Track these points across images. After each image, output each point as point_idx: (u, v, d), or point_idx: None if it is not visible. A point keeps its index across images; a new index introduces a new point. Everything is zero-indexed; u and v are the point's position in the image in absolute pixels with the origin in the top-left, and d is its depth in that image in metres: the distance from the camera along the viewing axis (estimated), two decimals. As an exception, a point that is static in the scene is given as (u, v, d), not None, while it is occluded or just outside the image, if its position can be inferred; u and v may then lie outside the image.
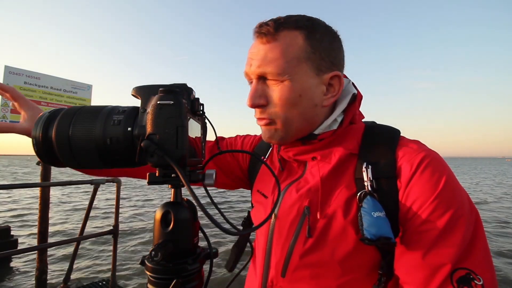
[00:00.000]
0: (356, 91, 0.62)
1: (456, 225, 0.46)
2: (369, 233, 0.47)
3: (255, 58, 0.56)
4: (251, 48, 0.58)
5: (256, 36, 0.57)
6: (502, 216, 8.81)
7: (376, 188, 0.52)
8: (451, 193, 0.48)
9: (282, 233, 0.59)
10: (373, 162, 0.54)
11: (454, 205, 0.47)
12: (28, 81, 3.34)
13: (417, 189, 0.49)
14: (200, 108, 0.43)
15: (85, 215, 2.96)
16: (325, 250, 0.53)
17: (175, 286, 0.34)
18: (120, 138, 0.38)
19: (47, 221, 3.13)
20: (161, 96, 0.37)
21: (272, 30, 0.54)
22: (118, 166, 0.41)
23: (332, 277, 0.53)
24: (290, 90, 0.54)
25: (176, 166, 0.34)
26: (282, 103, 0.55)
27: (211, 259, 0.41)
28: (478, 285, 0.42)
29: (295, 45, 0.54)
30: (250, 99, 0.57)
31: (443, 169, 0.50)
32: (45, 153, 0.40)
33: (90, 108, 0.41)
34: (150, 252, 0.34)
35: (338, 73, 0.57)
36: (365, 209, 0.49)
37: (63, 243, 2.75)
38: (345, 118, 0.60)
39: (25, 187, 2.46)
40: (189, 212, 0.39)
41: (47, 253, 3.24)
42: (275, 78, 0.54)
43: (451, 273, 0.44)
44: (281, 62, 0.53)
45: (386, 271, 0.51)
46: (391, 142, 0.57)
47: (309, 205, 0.56)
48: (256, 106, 0.57)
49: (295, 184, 0.61)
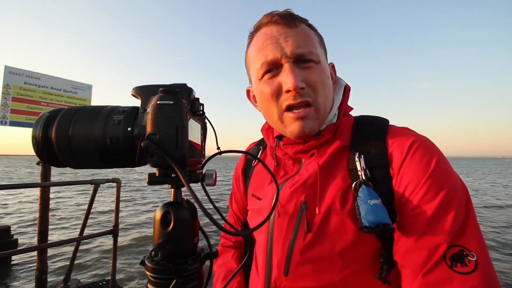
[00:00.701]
0: (345, 83, 0.65)
1: (450, 205, 0.46)
2: (367, 221, 0.47)
3: (287, 41, 0.55)
4: (271, 33, 0.56)
5: (275, 21, 0.56)
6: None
7: (370, 177, 0.53)
8: (442, 174, 0.49)
9: (281, 231, 0.59)
10: (365, 152, 0.55)
11: (446, 185, 0.48)
12: (28, 81, 3.35)
13: (409, 173, 0.50)
14: (200, 108, 0.43)
15: (85, 215, 2.96)
16: (325, 244, 0.53)
17: (175, 286, 0.34)
18: (120, 138, 0.38)
19: (47, 221, 3.12)
20: (161, 96, 0.37)
21: (294, 16, 0.57)
22: (118, 166, 0.41)
23: (335, 271, 0.53)
24: (323, 71, 0.57)
25: (176, 166, 0.34)
26: (320, 84, 0.56)
27: (211, 259, 0.41)
28: (472, 261, 0.42)
29: (312, 32, 0.58)
30: (294, 81, 0.53)
31: (433, 151, 0.51)
32: (45, 153, 0.40)
33: (90, 108, 0.41)
34: (150, 252, 0.34)
35: (333, 63, 0.64)
36: (361, 198, 0.50)
37: (63, 243, 2.75)
38: (340, 111, 0.61)
39: (25, 187, 2.46)
40: (189, 212, 0.39)
41: (47, 253, 3.24)
42: (312, 58, 0.55)
43: (445, 252, 0.44)
44: (314, 45, 0.57)
45: (387, 259, 0.51)
46: (381, 131, 0.57)
47: (306, 200, 0.56)
48: (300, 88, 0.54)
49: (289, 180, 0.61)
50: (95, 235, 2.90)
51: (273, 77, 0.57)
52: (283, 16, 0.56)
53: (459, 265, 0.43)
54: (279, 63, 0.56)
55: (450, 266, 0.43)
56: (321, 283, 0.53)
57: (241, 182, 0.79)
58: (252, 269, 0.70)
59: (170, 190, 0.41)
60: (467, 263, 0.42)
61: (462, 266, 0.43)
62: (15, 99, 3.22)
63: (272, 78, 0.57)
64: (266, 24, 0.58)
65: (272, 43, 0.56)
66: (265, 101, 0.60)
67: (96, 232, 2.83)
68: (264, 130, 0.72)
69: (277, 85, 0.56)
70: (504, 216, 8.82)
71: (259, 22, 0.60)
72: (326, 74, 0.58)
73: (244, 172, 0.79)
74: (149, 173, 0.39)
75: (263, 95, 0.59)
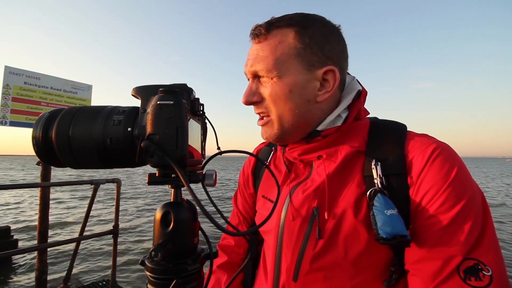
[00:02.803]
0: (361, 88, 0.61)
1: (467, 217, 0.45)
2: (384, 232, 0.46)
3: (250, 58, 0.59)
4: (249, 49, 0.61)
5: (251, 38, 0.60)
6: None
7: (386, 185, 0.51)
8: (462, 183, 0.47)
9: (292, 236, 0.58)
10: (382, 159, 0.53)
11: (465, 196, 0.46)
12: (28, 81, 3.34)
13: (428, 180, 0.49)
14: (200, 108, 0.43)
15: (85, 215, 2.95)
16: (337, 251, 0.52)
17: (175, 286, 0.34)
18: (120, 138, 0.38)
19: (47, 221, 3.13)
20: (161, 96, 0.37)
21: (264, 30, 0.57)
22: (118, 167, 0.41)
23: (346, 278, 0.52)
24: (279, 86, 0.56)
25: (176, 166, 0.34)
26: (273, 99, 0.57)
27: (211, 259, 0.41)
28: (487, 275, 0.41)
29: (284, 42, 0.56)
30: (244, 96, 0.60)
31: (454, 159, 0.49)
32: (45, 153, 0.40)
33: (90, 108, 0.41)
34: (150, 252, 0.34)
35: (332, 68, 0.56)
36: (377, 207, 0.48)
37: (63, 243, 2.75)
38: (350, 114, 0.58)
39: (25, 187, 2.46)
40: (189, 212, 0.39)
41: (47, 253, 3.24)
42: (265, 75, 0.57)
43: (459, 264, 0.43)
44: (270, 60, 0.56)
45: (398, 268, 0.51)
46: (399, 137, 0.56)
47: (318, 205, 0.56)
48: (250, 103, 0.60)
49: (301, 185, 0.60)
50: (95, 235, 2.91)
51: None
52: (255, 33, 0.58)
53: (473, 279, 0.42)
54: (248, 78, 0.62)
55: (464, 279, 0.42)
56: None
57: (251, 182, 0.78)
58: (259, 271, 0.70)
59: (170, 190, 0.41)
60: (481, 278, 0.41)
61: (476, 280, 0.41)
62: (15, 99, 3.22)
63: None
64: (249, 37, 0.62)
65: (247, 59, 0.61)
66: None
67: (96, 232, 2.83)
68: None
69: None
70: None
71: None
72: (287, 88, 0.55)
73: (254, 172, 0.78)
74: (149, 173, 0.39)
75: None
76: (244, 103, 0.60)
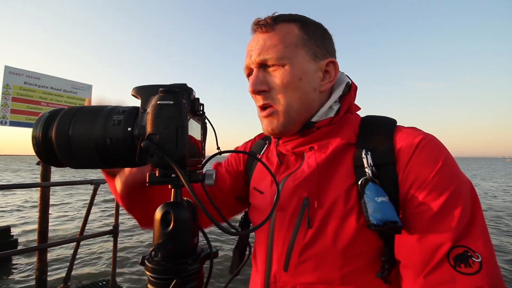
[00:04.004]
0: (350, 81, 0.64)
1: (456, 204, 0.46)
2: (375, 219, 0.46)
3: (255, 48, 0.59)
4: (249, 42, 0.61)
5: (254, 30, 0.60)
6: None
7: (376, 174, 0.52)
8: (449, 172, 0.48)
9: (282, 226, 0.59)
10: (372, 149, 0.55)
11: (453, 184, 0.47)
12: (28, 81, 3.34)
13: (416, 169, 0.50)
14: (200, 108, 0.43)
15: (85, 215, 2.96)
16: (326, 240, 0.53)
17: (175, 286, 0.34)
18: (120, 138, 0.38)
19: (47, 221, 3.12)
20: (161, 96, 0.37)
21: (270, 21, 0.58)
22: (118, 166, 0.41)
23: (335, 267, 0.53)
24: (290, 73, 0.57)
25: (176, 166, 0.34)
26: (284, 87, 0.57)
27: (211, 259, 0.41)
28: (476, 262, 0.42)
29: (291, 33, 0.58)
30: (252, 85, 0.58)
31: (441, 150, 0.51)
32: (45, 153, 0.40)
33: (90, 108, 0.41)
34: (150, 252, 0.34)
35: (333, 60, 0.61)
36: (368, 195, 0.49)
37: (63, 243, 2.75)
38: (342, 107, 0.61)
39: (25, 187, 2.46)
40: (189, 212, 0.39)
41: (47, 253, 3.23)
42: (275, 63, 0.57)
43: (448, 251, 0.44)
44: (280, 48, 0.56)
45: (389, 258, 0.51)
46: (389, 129, 0.57)
47: (308, 195, 0.57)
48: (257, 92, 0.59)
49: (292, 175, 0.61)
50: (95, 235, 2.91)
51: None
52: (260, 24, 0.59)
53: (463, 266, 0.42)
54: (252, 69, 0.61)
55: (454, 266, 0.43)
56: (321, 279, 0.54)
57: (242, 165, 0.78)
58: (252, 263, 0.70)
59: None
60: (471, 264, 0.42)
61: (466, 266, 0.42)
62: (15, 99, 3.22)
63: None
64: (251, 31, 0.62)
65: (249, 50, 0.61)
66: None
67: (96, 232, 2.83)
68: None
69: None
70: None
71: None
72: (296, 76, 0.57)
73: (246, 164, 0.78)
74: (149, 173, 0.39)
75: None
76: (252, 92, 0.60)
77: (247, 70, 0.62)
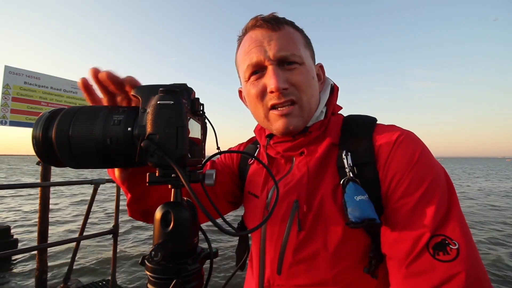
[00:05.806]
0: (333, 83, 0.67)
1: (433, 196, 0.47)
2: (353, 216, 0.48)
3: (270, 44, 0.57)
4: (256, 37, 0.58)
5: (260, 25, 0.59)
6: None
7: (357, 173, 0.54)
8: (426, 165, 0.50)
9: (274, 230, 0.59)
10: (352, 150, 0.56)
11: (429, 176, 0.49)
12: (28, 81, 3.34)
13: (394, 166, 0.51)
14: (200, 108, 0.43)
15: (85, 215, 2.96)
16: (317, 242, 0.54)
17: (175, 286, 0.34)
18: (120, 138, 0.38)
19: (47, 221, 3.12)
20: (161, 96, 0.37)
21: (279, 19, 0.59)
22: (118, 166, 0.41)
23: (327, 268, 0.53)
24: (307, 72, 0.59)
25: (176, 166, 0.34)
26: (304, 85, 0.58)
27: (211, 259, 0.41)
28: (453, 249, 0.43)
29: (296, 34, 0.60)
30: (277, 82, 0.55)
31: (417, 144, 0.53)
32: (45, 153, 0.40)
33: (90, 108, 0.41)
34: (150, 252, 0.34)
35: (321, 63, 0.66)
36: (348, 194, 0.51)
37: (63, 243, 2.75)
38: (328, 109, 0.63)
39: (25, 187, 2.46)
40: (189, 212, 0.39)
41: (47, 253, 3.24)
42: (296, 60, 0.57)
43: (428, 241, 0.45)
44: (298, 46, 0.58)
45: (376, 254, 0.52)
46: (368, 129, 0.59)
47: (298, 198, 0.57)
48: (281, 90, 0.56)
49: (283, 180, 0.62)
50: (95, 235, 2.91)
51: (258, 78, 0.59)
52: (267, 20, 0.58)
53: (441, 254, 0.43)
54: (263, 65, 0.58)
55: (433, 255, 0.44)
56: (314, 281, 0.54)
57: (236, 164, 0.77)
58: (248, 268, 0.71)
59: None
60: (449, 252, 0.43)
61: (444, 254, 0.43)
62: (15, 99, 3.22)
63: (258, 79, 0.60)
64: (251, 28, 0.60)
65: (256, 46, 0.58)
66: (252, 101, 0.62)
67: (96, 232, 2.83)
68: (257, 130, 0.73)
69: (262, 86, 0.59)
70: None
71: (246, 26, 0.62)
72: (311, 75, 0.60)
73: (239, 168, 0.78)
74: (149, 173, 0.39)
75: (250, 96, 0.61)
76: (276, 90, 0.56)
77: (254, 67, 0.59)
